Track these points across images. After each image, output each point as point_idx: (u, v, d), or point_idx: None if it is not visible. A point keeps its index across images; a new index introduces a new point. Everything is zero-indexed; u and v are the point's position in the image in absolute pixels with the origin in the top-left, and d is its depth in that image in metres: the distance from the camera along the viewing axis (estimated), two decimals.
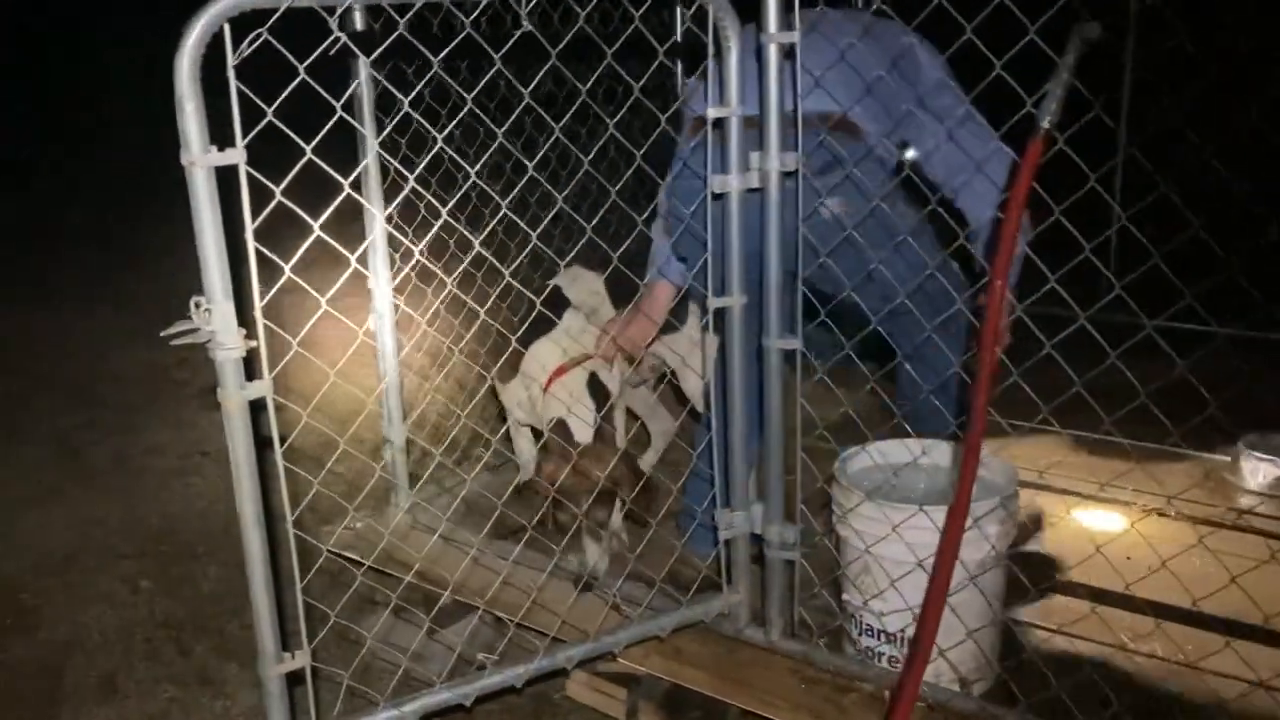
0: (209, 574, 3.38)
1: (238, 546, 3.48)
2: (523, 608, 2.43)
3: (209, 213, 1.67)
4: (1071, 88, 1.76)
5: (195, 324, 1.71)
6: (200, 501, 3.87)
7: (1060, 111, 1.78)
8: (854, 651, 2.34)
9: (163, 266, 7.33)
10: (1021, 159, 1.81)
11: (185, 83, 1.62)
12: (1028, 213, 2.27)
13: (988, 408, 1.86)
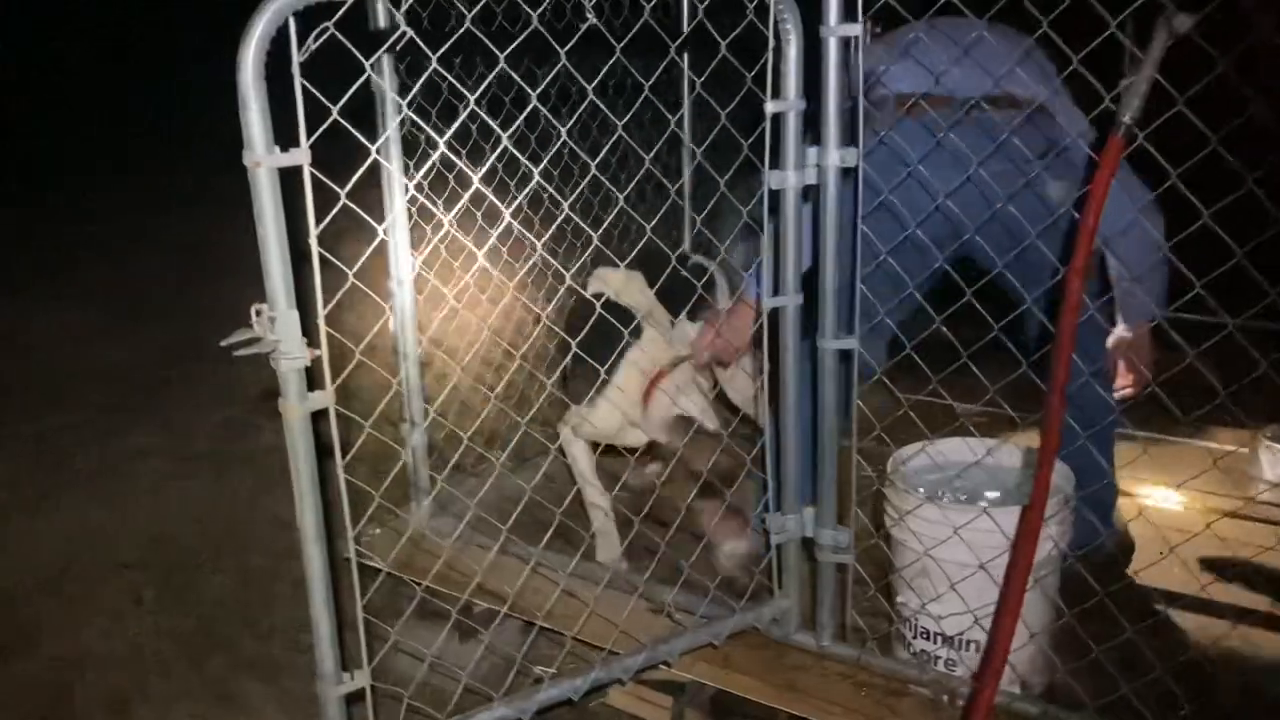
0: (214, 583, 3.28)
1: (242, 553, 3.42)
2: (578, 620, 2.36)
3: (273, 216, 1.59)
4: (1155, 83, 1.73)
5: (257, 333, 1.63)
6: (197, 507, 3.75)
7: (1143, 107, 1.75)
8: (907, 655, 2.30)
9: (131, 256, 7.15)
10: (1100, 155, 1.78)
11: (250, 79, 1.53)
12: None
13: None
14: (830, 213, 2.08)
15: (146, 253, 7.10)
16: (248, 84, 1.54)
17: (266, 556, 3.40)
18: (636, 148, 2.17)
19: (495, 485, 3.14)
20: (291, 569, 3.31)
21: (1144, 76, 1.72)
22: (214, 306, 5.73)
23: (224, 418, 4.43)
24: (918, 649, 2.27)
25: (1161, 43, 1.70)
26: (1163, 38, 1.69)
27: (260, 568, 3.34)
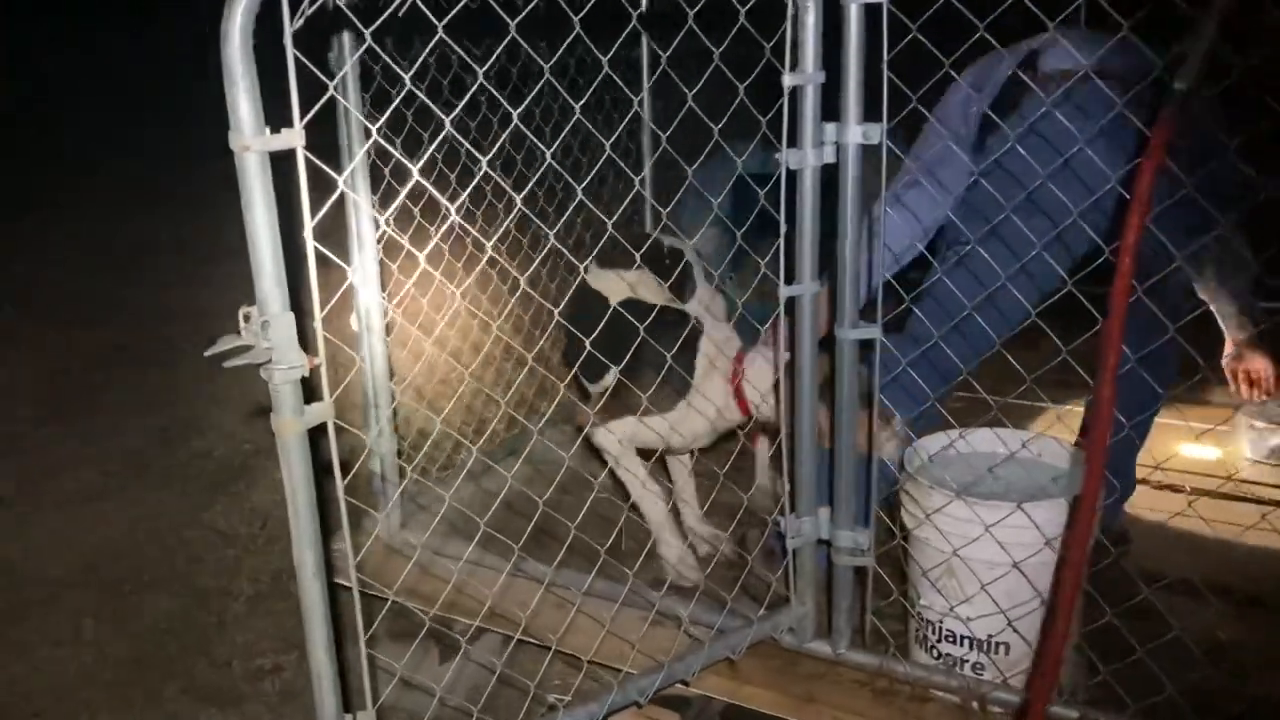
0: (160, 606, 3.03)
1: (187, 572, 3.18)
2: (582, 638, 2.20)
3: (264, 206, 1.39)
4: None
5: (246, 340, 1.43)
6: (135, 523, 3.48)
7: (1200, 76, 1.63)
8: (930, 660, 2.18)
9: (62, 253, 6.77)
10: (1153, 127, 1.66)
11: (236, 51, 1.33)
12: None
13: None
14: (850, 194, 1.94)
15: (80, 249, 6.70)
16: (235, 56, 1.33)
17: (214, 574, 3.18)
18: (595, 132, 2.00)
19: (472, 493, 2.98)
20: (242, 586, 3.10)
21: (1201, 41, 1.61)
22: (151, 306, 5.43)
23: (160, 425, 4.15)
24: (943, 653, 2.15)
25: (1221, 5, 1.58)
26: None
27: (209, 587, 3.11)
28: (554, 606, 2.37)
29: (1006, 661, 2.08)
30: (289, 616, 2.94)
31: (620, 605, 2.26)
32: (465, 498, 3.01)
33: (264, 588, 3.10)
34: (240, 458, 3.92)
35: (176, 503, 3.61)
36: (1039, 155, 2.01)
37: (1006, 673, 2.08)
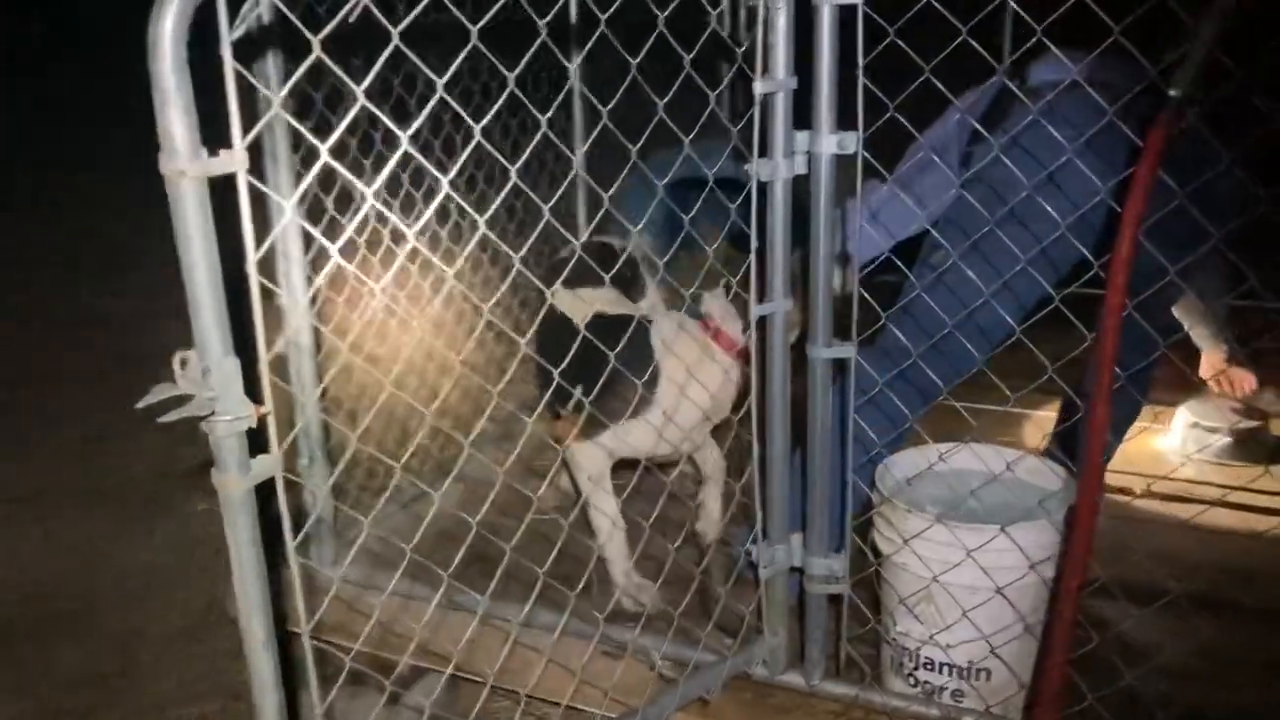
0: (71, 654, 2.79)
1: (104, 613, 2.95)
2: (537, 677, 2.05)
3: (201, 239, 1.22)
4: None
5: (184, 389, 1.26)
6: (43, 558, 3.23)
7: (1195, 83, 1.57)
8: (908, 688, 2.10)
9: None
10: (1147, 135, 1.59)
11: (168, 62, 1.16)
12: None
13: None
14: (823, 206, 1.84)
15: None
16: (166, 68, 1.16)
17: (134, 614, 2.95)
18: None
19: (406, 520, 2.81)
20: (165, 628, 2.89)
21: (1198, 48, 1.54)
22: (73, 318, 5.11)
23: (77, 448, 3.88)
24: (921, 680, 2.06)
25: (1220, 10, 1.52)
26: (1222, 4, 1.51)
27: (128, 630, 2.88)
28: (499, 642, 2.22)
29: (988, 688, 2.00)
30: (219, 658, 2.74)
31: (573, 638, 2.13)
32: (399, 525, 2.85)
33: (180, 629, 2.89)
34: (162, 478, 3.69)
35: (90, 535, 3.36)
36: (1023, 167, 1.93)
37: (989, 699, 2.00)
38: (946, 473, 2.16)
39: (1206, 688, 2.08)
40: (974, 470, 2.18)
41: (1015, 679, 1.98)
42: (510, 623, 2.05)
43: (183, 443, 3.92)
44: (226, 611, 2.86)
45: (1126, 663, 1.86)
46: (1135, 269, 1.60)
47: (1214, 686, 2.10)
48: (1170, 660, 1.99)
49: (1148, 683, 1.89)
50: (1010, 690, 2.00)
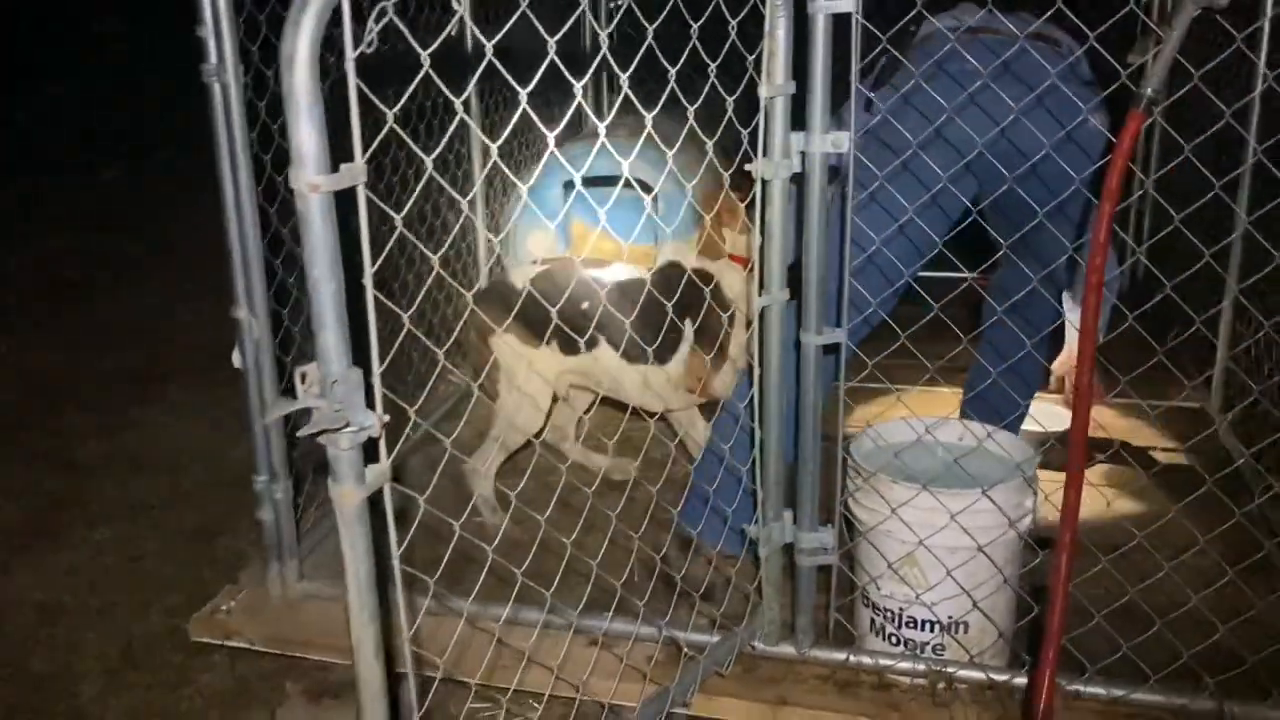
0: (16, 690, 2.63)
1: (18, 655, 2.77)
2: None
3: (328, 253, 1.23)
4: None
5: (306, 403, 1.26)
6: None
7: (1164, 83, 1.76)
8: (890, 648, 2.25)
9: None
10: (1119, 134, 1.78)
11: (304, 76, 1.17)
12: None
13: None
14: (816, 202, 1.96)
15: None
16: (302, 83, 1.17)
17: (48, 655, 2.78)
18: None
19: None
20: (88, 665, 2.74)
21: (1168, 50, 1.73)
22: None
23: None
24: (905, 639, 2.22)
25: (1188, 16, 1.71)
26: (1189, 10, 1.71)
27: (45, 672, 2.72)
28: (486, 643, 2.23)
29: (967, 639, 2.18)
30: (158, 691, 2.63)
31: (562, 633, 2.18)
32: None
33: (114, 661, 2.75)
34: (35, 514, 3.47)
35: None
36: (911, 121, 2.25)
37: (969, 649, 2.18)
38: (899, 446, 2.33)
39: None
40: (928, 441, 2.35)
41: (994, 628, 2.17)
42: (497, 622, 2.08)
43: (55, 473, 3.74)
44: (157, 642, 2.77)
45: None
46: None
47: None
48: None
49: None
50: (988, 639, 2.18)
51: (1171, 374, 2.25)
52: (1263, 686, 2.06)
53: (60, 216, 7.29)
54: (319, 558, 2.63)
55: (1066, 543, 1.88)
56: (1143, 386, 2.30)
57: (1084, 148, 2.24)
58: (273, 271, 2.40)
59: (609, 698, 2.11)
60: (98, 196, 8.02)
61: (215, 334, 5.01)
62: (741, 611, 2.26)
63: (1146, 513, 2.88)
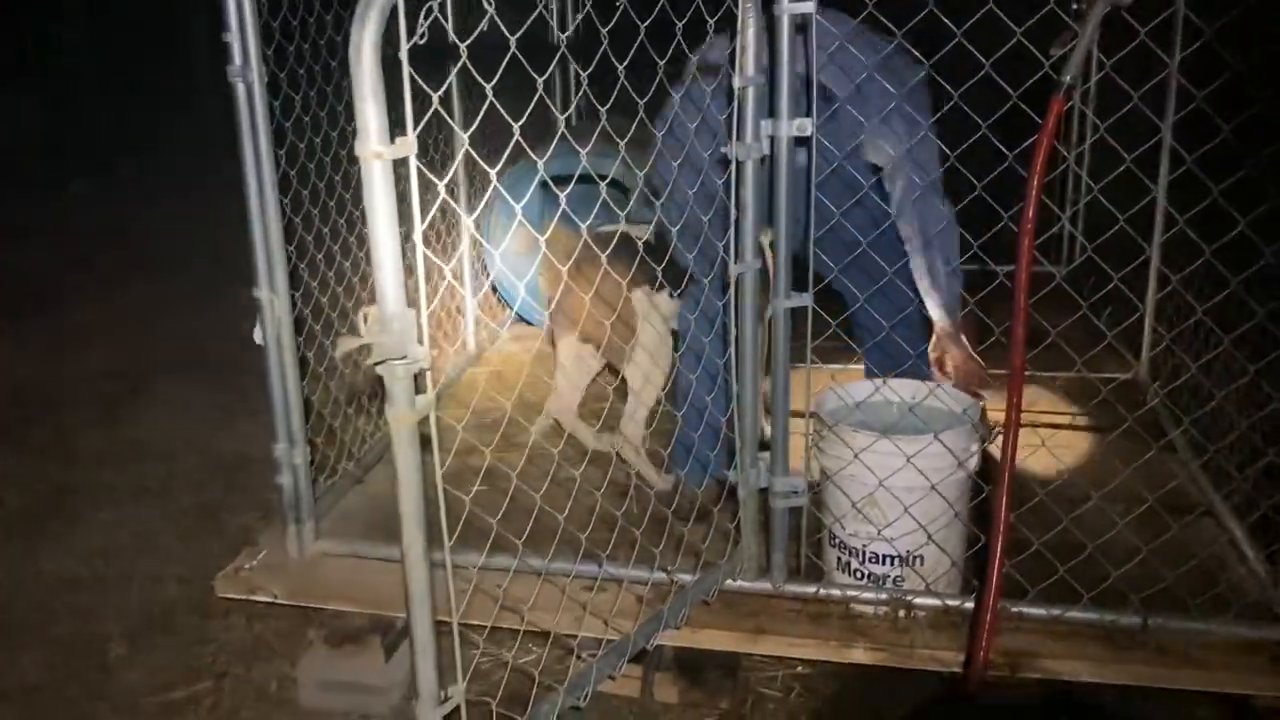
0: (27, 661, 2.81)
1: (44, 623, 2.97)
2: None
3: (386, 211, 1.48)
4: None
5: (368, 338, 1.51)
6: None
7: (1081, 70, 2.05)
8: (854, 581, 2.51)
9: None
10: (1045, 115, 2.06)
11: (367, 64, 1.42)
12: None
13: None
14: (783, 180, 2.22)
15: None
16: (365, 68, 1.42)
17: (74, 621, 2.98)
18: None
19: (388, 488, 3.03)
20: (110, 629, 2.93)
21: (1083, 42, 2.02)
22: None
23: None
24: (868, 573, 2.48)
25: (1100, 12, 2.00)
26: (1100, 8, 2.00)
27: (74, 635, 2.92)
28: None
29: (924, 570, 2.45)
30: (182, 650, 2.84)
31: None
32: (384, 489, 3.06)
33: (135, 625, 2.95)
34: (43, 499, 3.66)
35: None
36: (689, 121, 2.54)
37: (926, 578, 2.44)
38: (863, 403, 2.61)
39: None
40: (880, 401, 2.64)
41: (947, 558, 2.44)
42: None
43: (51, 464, 3.91)
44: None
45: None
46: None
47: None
48: None
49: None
50: (941, 569, 2.45)
51: (1105, 349, 2.53)
52: (1181, 601, 2.35)
53: (29, 228, 7.39)
54: (329, 522, 2.83)
55: (1006, 480, 2.16)
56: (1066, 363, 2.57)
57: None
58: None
59: (604, 633, 2.34)
60: (68, 207, 8.14)
61: (191, 335, 5.26)
62: (723, 552, 2.51)
63: (1078, 453, 3.19)
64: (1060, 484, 2.46)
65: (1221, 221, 2.23)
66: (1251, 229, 2.19)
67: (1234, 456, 2.66)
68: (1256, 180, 2.26)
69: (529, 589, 2.23)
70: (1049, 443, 2.64)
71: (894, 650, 2.38)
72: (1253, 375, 2.38)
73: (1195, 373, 2.47)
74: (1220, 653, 2.30)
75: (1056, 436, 3.08)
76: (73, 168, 8.85)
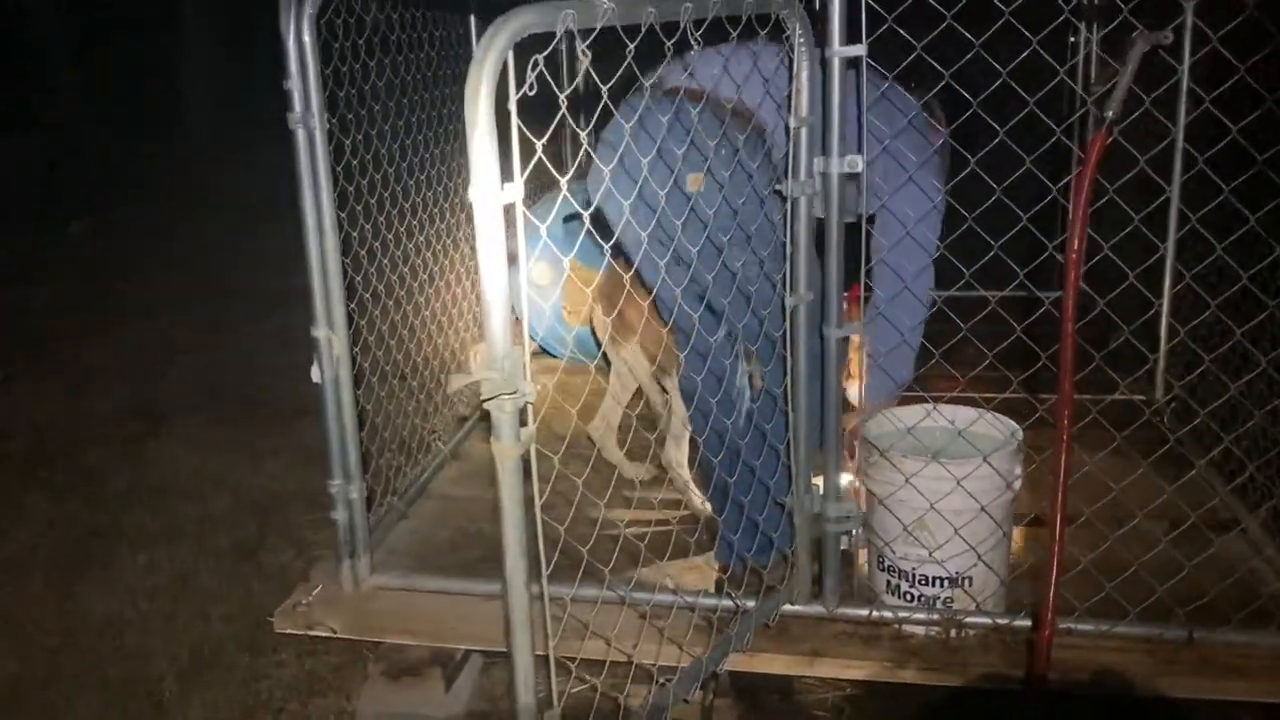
0: (85, 705, 2.83)
1: (95, 666, 2.99)
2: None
3: (497, 255, 1.54)
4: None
5: (478, 375, 1.57)
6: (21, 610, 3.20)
7: (1122, 107, 2.15)
8: (905, 603, 2.58)
9: None
10: (1087, 150, 2.15)
11: (483, 110, 1.49)
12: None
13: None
14: (834, 215, 2.30)
15: None
16: (482, 115, 1.49)
17: (129, 663, 3.00)
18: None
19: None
20: (169, 668, 2.96)
21: (1124, 80, 2.11)
22: None
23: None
24: (919, 595, 2.55)
25: (1139, 52, 2.10)
26: (1141, 47, 2.09)
27: (125, 676, 2.94)
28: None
29: (973, 590, 2.52)
30: (237, 687, 2.87)
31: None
32: (428, 523, 3.16)
33: (186, 665, 2.98)
34: (77, 542, 3.68)
35: (27, 597, 3.34)
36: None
37: (976, 598, 2.51)
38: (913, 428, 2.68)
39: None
40: (926, 427, 2.71)
41: (995, 578, 2.51)
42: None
43: (70, 507, 3.94)
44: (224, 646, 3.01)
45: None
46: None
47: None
48: None
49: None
50: (990, 588, 2.52)
51: (1117, 372, 2.61)
52: (1224, 614, 2.43)
53: (34, 268, 7.42)
54: (379, 555, 2.87)
55: (1061, 502, 2.23)
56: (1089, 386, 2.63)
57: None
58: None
59: (679, 659, 2.39)
60: (68, 249, 8.16)
61: (204, 373, 5.29)
62: (783, 576, 2.57)
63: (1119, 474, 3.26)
64: (1104, 504, 2.52)
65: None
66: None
67: (1261, 474, 2.75)
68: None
69: (613, 616, 2.29)
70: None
71: (946, 670, 2.45)
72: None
73: (1234, 393, 2.55)
74: (1263, 663, 2.38)
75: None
76: (70, 209, 8.87)
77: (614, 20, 1.68)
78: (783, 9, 2.17)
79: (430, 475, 3.44)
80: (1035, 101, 2.27)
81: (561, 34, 1.60)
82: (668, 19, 1.85)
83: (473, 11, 3.49)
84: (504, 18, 1.52)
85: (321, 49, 2.52)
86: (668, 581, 2.67)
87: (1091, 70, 4.21)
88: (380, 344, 3.12)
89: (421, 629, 2.64)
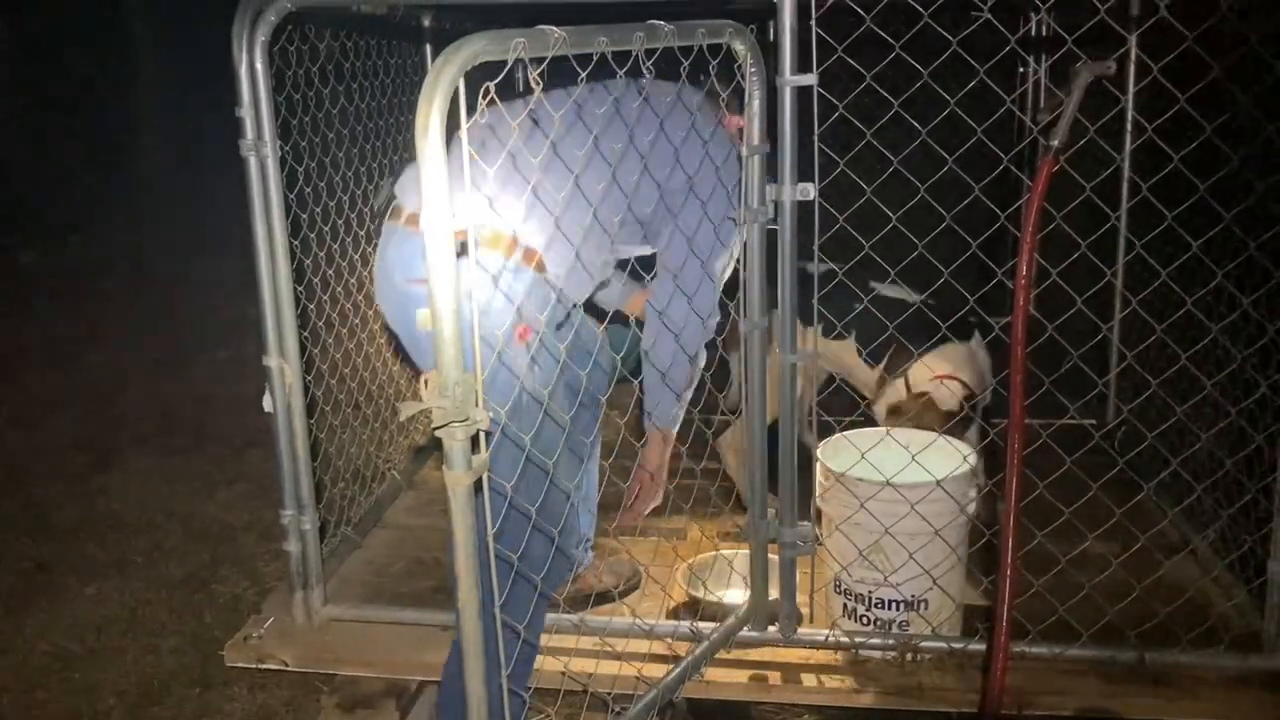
0: None
1: (39, 701, 2.92)
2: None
3: (449, 281, 1.54)
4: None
5: (429, 403, 1.56)
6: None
7: (1068, 135, 2.19)
8: (861, 627, 2.58)
9: None
10: (1034, 178, 2.19)
11: (433, 141, 1.48)
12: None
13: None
14: (788, 242, 2.32)
15: None
16: (432, 143, 1.48)
17: (72, 697, 2.95)
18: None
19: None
20: (106, 702, 2.91)
21: (1069, 109, 2.16)
22: None
23: None
24: (874, 618, 2.56)
25: (1084, 82, 2.14)
26: (1085, 78, 2.14)
27: (72, 711, 2.88)
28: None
29: (929, 614, 2.53)
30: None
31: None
32: (383, 552, 3.14)
33: (134, 699, 2.93)
34: (23, 574, 3.61)
35: None
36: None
37: (931, 621, 2.52)
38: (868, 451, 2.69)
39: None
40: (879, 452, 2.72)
41: (950, 601, 2.52)
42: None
43: (27, 538, 3.86)
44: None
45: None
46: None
47: None
48: None
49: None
50: (945, 612, 2.54)
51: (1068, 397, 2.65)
52: (1174, 635, 2.45)
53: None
54: (332, 586, 2.84)
55: (1013, 527, 2.25)
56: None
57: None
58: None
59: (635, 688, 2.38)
60: (17, 279, 8.03)
61: (155, 404, 5.22)
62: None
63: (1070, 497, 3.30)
64: (1055, 528, 2.55)
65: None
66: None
67: (1209, 496, 2.79)
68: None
69: (568, 641, 2.28)
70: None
71: (903, 694, 2.45)
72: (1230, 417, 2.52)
73: (1180, 416, 2.58)
74: (1213, 684, 2.41)
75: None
76: (21, 239, 8.73)
77: (565, 49, 1.68)
78: (733, 38, 2.19)
79: (385, 504, 3.41)
80: (983, 130, 2.30)
81: (513, 61, 1.60)
82: (620, 48, 1.86)
83: (427, 40, 3.49)
84: (454, 46, 1.52)
85: (275, 76, 2.51)
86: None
87: (1040, 99, 4.30)
88: (334, 372, 3.10)
89: (376, 660, 2.61)
